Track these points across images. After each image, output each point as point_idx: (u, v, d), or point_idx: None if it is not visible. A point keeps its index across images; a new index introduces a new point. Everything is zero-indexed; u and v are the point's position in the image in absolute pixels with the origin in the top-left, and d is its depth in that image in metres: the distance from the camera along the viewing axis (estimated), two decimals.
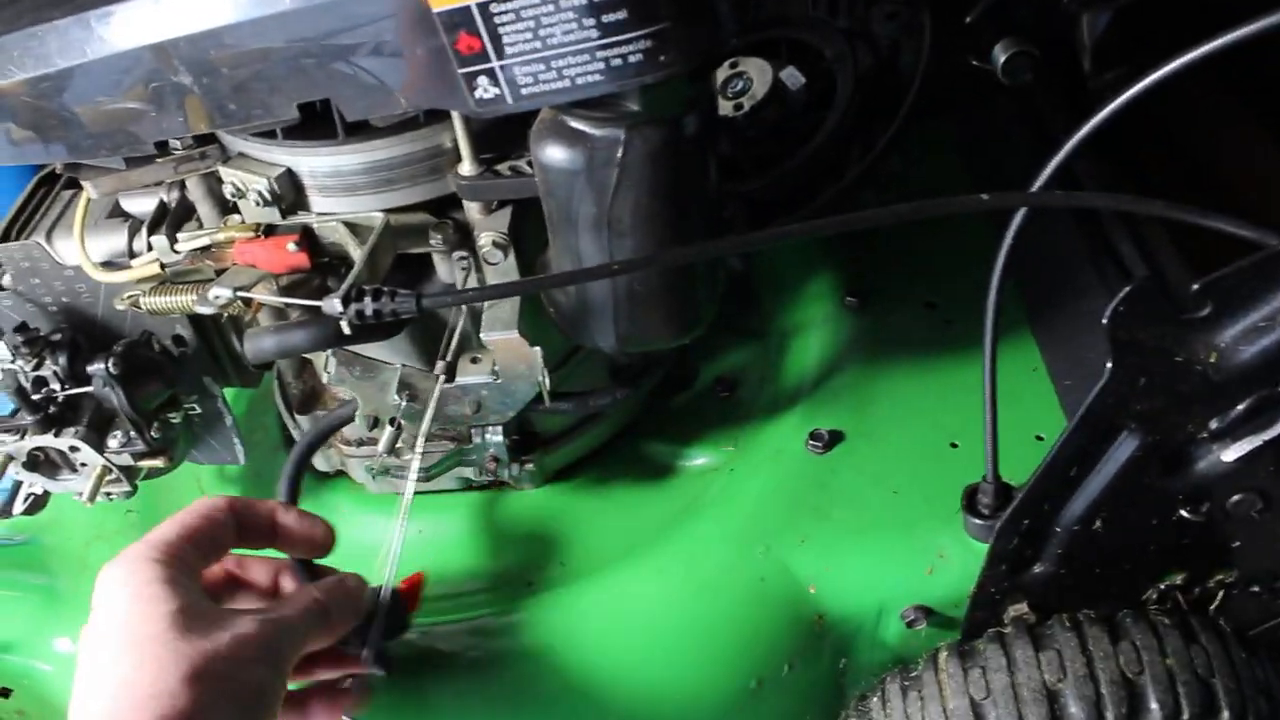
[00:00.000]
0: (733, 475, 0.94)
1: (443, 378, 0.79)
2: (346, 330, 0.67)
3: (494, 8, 0.56)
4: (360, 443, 0.92)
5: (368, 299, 0.66)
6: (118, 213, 0.90)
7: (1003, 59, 0.95)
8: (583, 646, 0.84)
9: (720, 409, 1.02)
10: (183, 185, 0.87)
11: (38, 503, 1.12)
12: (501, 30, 0.56)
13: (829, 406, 0.96)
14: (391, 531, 0.97)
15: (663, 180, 0.66)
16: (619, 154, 0.64)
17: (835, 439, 0.92)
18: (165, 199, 0.87)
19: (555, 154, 0.65)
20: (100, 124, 0.70)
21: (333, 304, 0.66)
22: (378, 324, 0.67)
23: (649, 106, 0.61)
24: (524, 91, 0.58)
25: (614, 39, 0.56)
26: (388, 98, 0.62)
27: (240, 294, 0.71)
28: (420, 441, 0.76)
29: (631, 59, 0.56)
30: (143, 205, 0.88)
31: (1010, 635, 0.75)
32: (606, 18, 0.55)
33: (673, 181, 0.66)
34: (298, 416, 0.94)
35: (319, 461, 0.98)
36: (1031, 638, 0.74)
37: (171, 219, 0.86)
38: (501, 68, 0.58)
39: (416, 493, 0.98)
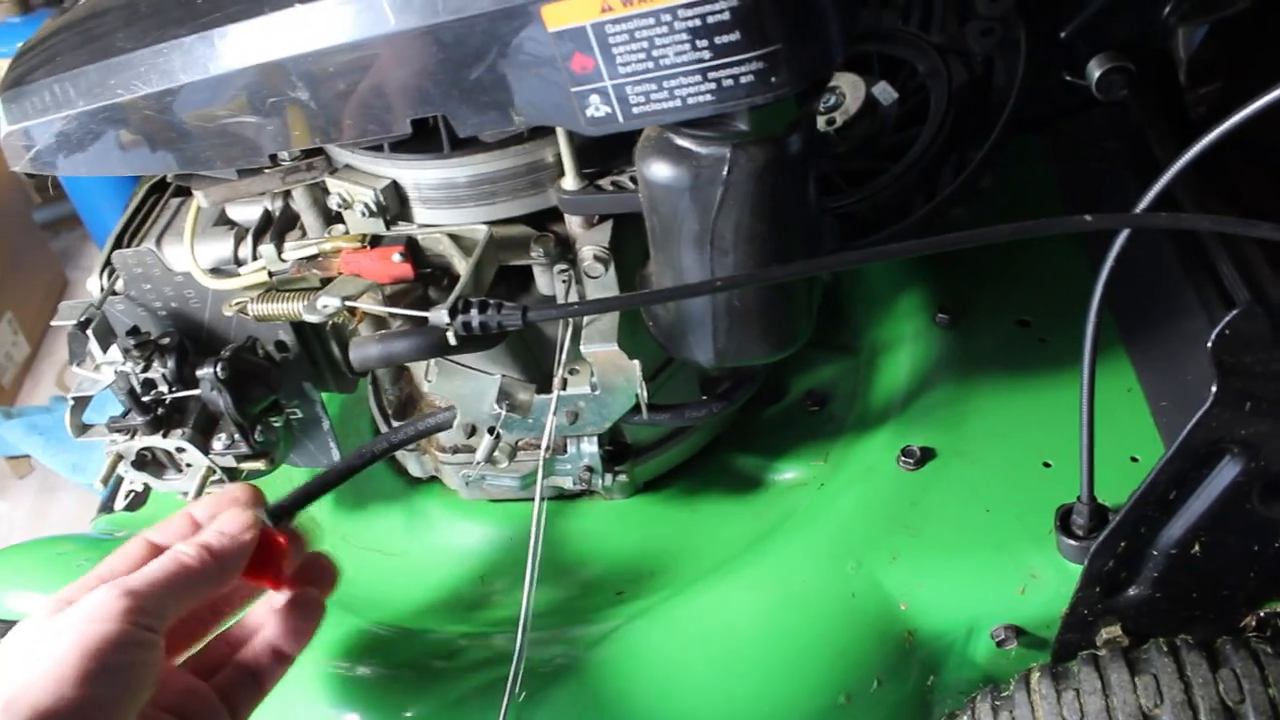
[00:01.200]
0: (823, 490, 0.94)
1: (533, 388, 0.80)
2: (452, 341, 0.69)
3: (609, 29, 0.57)
4: (455, 450, 0.93)
5: (474, 310, 0.67)
6: (223, 221, 0.92)
7: (1098, 74, 0.94)
8: (671, 656, 0.85)
9: (809, 423, 1.02)
10: (287, 195, 0.89)
11: (138, 499, 1.16)
12: (615, 51, 0.57)
13: (920, 423, 0.96)
14: (492, 539, 1.00)
15: (766, 198, 0.67)
16: (724, 172, 0.65)
17: (927, 456, 0.92)
18: (270, 208, 0.89)
19: (661, 171, 0.66)
20: (219, 137, 0.72)
21: (440, 315, 0.67)
22: (482, 335, 0.68)
23: (757, 126, 0.62)
24: (635, 110, 0.59)
25: (726, 60, 0.57)
26: (500, 115, 0.63)
27: (348, 303, 0.73)
28: (544, 452, 0.78)
29: (743, 80, 0.57)
30: (248, 214, 0.91)
31: (1105, 658, 0.74)
32: (719, 39, 0.56)
33: (776, 200, 0.67)
34: (394, 423, 0.96)
35: (413, 467, 0.99)
36: (1127, 661, 0.73)
37: (276, 228, 0.88)
38: (614, 87, 0.59)
39: (505, 501, 1.01)
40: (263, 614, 0.76)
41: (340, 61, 0.64)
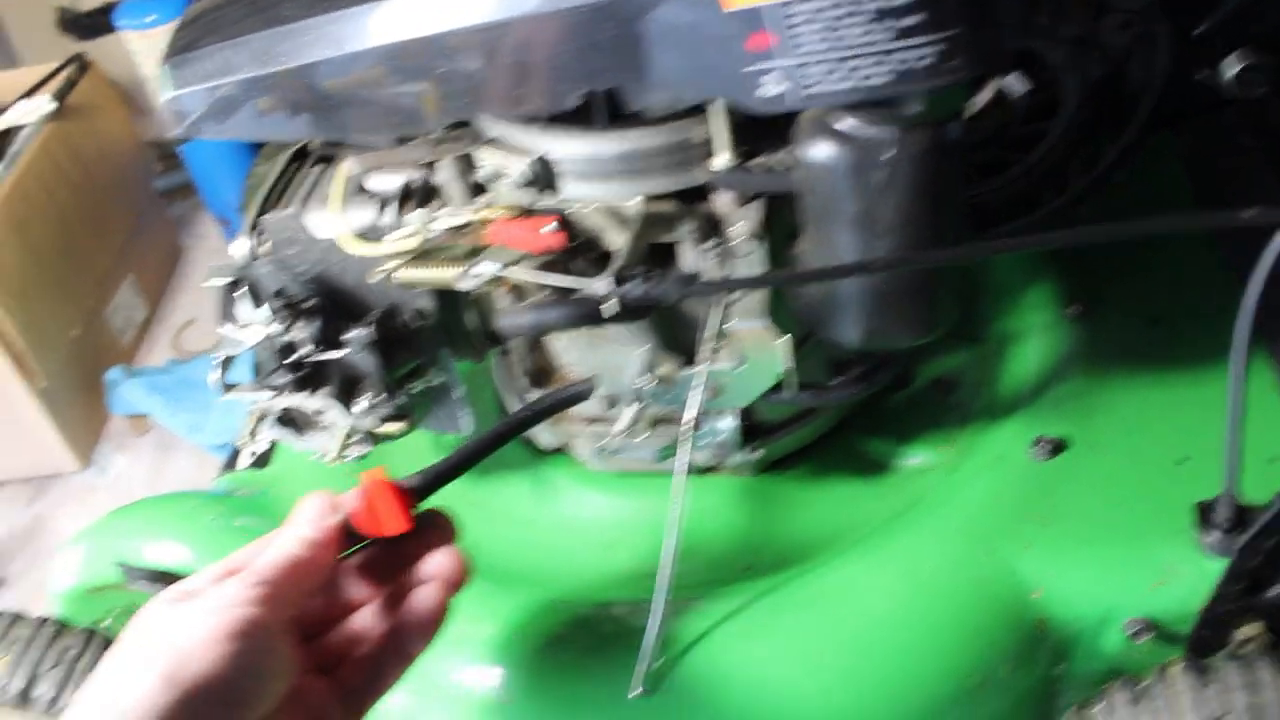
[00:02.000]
0: (952, 477, 0.94)
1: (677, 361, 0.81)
2: (610, 312, 0.70)
3: (791, 9, 0.57)
4: (591, 420, 0.95)
5: (638, 281, 0.68)
6: (362, 190, 0.94)
7: (1236, 70, 0.93)
8: (802, 633, 0.85)
9: (936, 410, 1.02)
10: (430, 165, 0.91)
11: (263, 458, 1.19)
12: (795, 30, 0.58)
13: (1051, 414, 0.95)
14: (619, 510, 1.01)
15: (926, 183, 0.67)
16: (887, 155, 0.65)
17: (1059, 447, 0.92)
18: (410, 178, 0.91)
19: (822, 152, 0.67)
20: (382, 106, 0.74)
21: (601, 285, 0.68)
22: (639, 307, 0.69)
23: (928, 110, 0.62)
24: (809, 91, 0.60)
25: (907, 42, 0.57)
26: (670, 91, 0.64)
27: (506, 271, 0.74)
28: (688, 426, 0.79)
29: (921, 63, 0.57)
30: (387, 183, 0.92)
31: (1252, 655, 0.74)
32: (903, 21, 0.56)
33: (935, 184, 0.67)
34: (531, 392, 0.97)
35: (543, 436, 1.01)
36: (1274, 659, 0.73)
37: (417, 198, 0.90)
38: (790, 67, 0.59)
39: (632, 473, 1.02)
40: (384, 611, 0.75)
41: (514, 35, 0.65)
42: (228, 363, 0.94)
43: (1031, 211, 1.01)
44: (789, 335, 0.78)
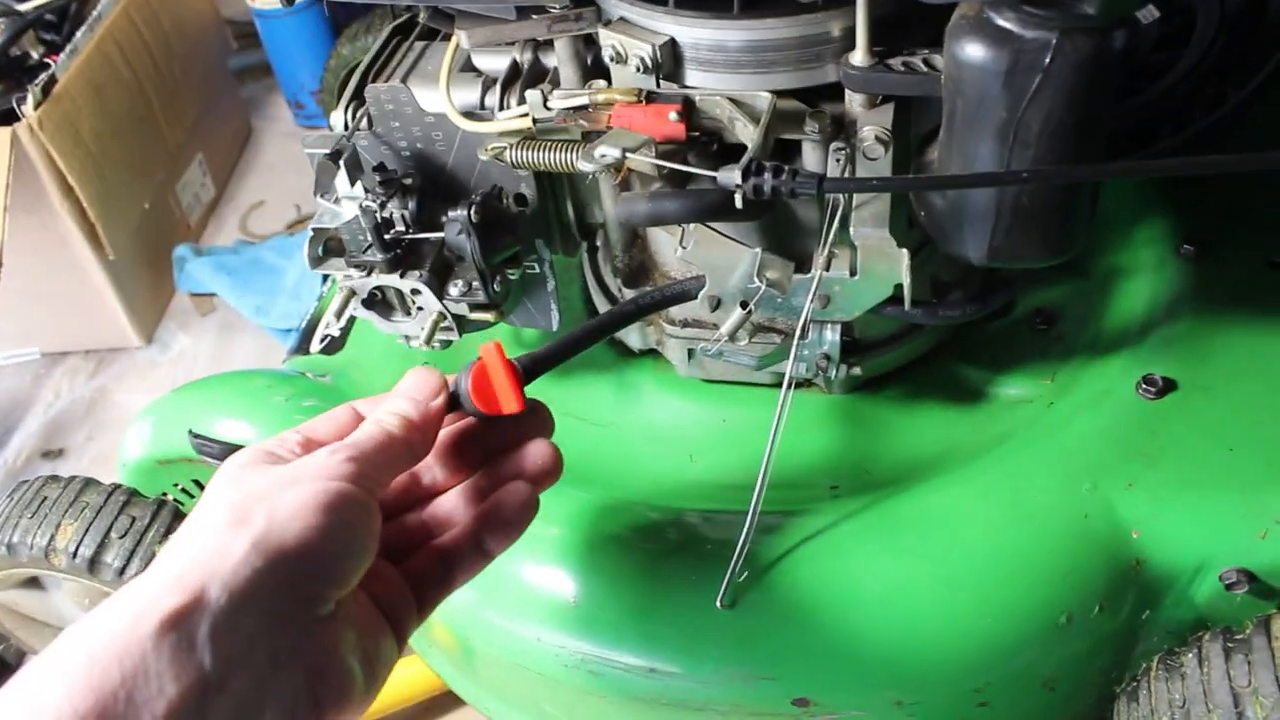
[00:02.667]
0: (1052, 409, 0.92)
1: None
2: (738, 204, 0.67)
3: None
4: (685, 324, 0.92)
5: (768, 174, 0.65)
6: (468, 68, 0.91)
7: None
8: (888, 555, 0.83)
9: (1036, 342, 0.99)
10: (539, 46, 0.88)
11: (334, 344, 1.17)
12: None
13: (1160, 354, 0.92)
14: (704, 418, 0.99)
15: (1082, 92, 0.64)
16: (1046, 59, 0.62)
17: (1168, 387, 0.89)
18: (519, 58, 0.88)
19: (976, 52, 0.64)
20: None
21: (731, 175, 0.66)
22: (767, 201, 0.67)
23: (1103, 9, 0.58)
24: None
25: None
26: None
27: (629, 155, 0.72)
28: (798, 334, 0.76)
29: None
30: (494, 63, 0.90)
31: None
32: None
33: (1091, 95, 0.64)
34: (625, 290, 0.95)
35: (633, 339, 0.99)
36: None
37: (526, 77, 0.87)
38: None
39: (721, 382, 1.00)
40: (470, 499, 0.73)
41: None
42: (321, 234, 0.92)
43: (1145, 146, 0.98)
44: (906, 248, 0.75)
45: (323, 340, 1.15)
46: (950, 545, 0.83)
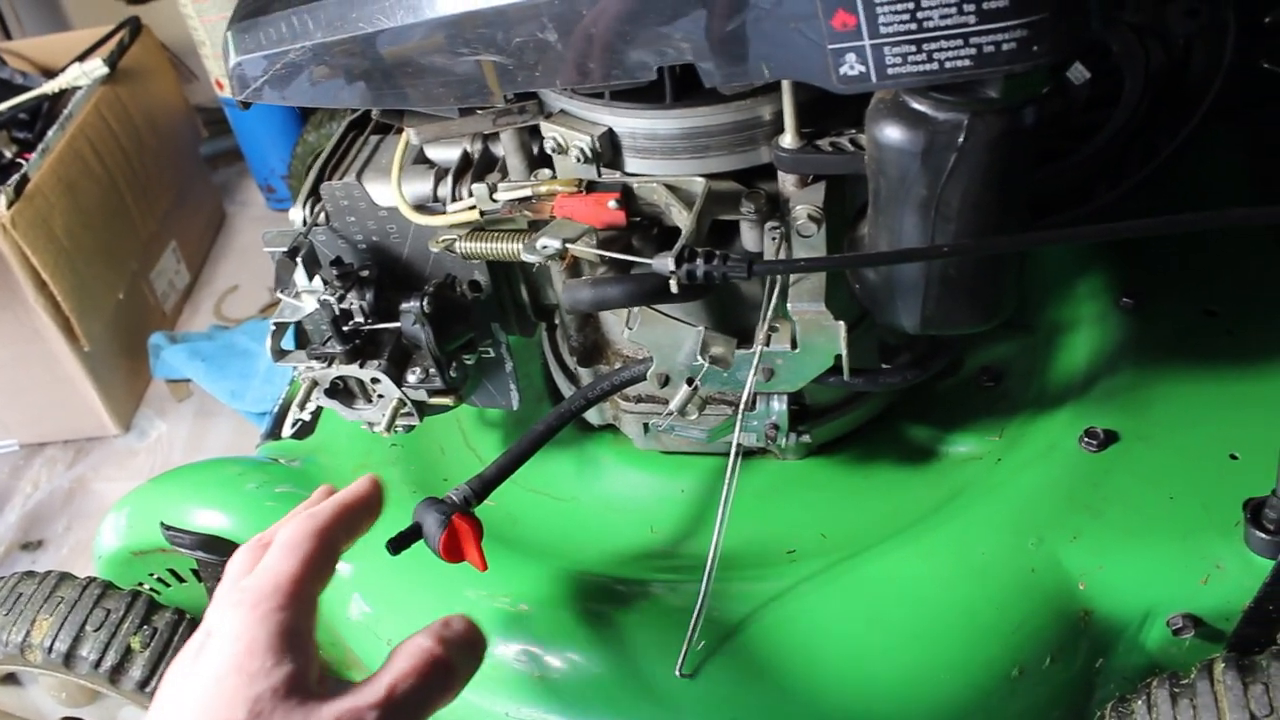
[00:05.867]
0: (1000, 465, 0.94)
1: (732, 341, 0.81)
2: (674, 289, 0.70)
3: None
4: (639, 399, 0.95)
5: (700, 260, 0.68)
6: (421, 160, 0.94)
7: None
8: (845, 619, 0.85)
9: (984, 399, 1.02)
10: (489, 137, 0.91)
11: (306, 428, 1.19)
12: (879, 10, 0.58)
13: (1102, 406, 0.95)
14: (663, 490, 1.01)
15: (997, 168, 0.66)
16: (960, 139, 0.65)
17: (1110, 439, 0.91)
18: (469, 149, 0.91)
19: (894, 134, 0.66)
20: (454, 75, 0.74)
21: (665, 262, 0.68)
22: (701, 285, 0.69)
23: (1005, 94, 0.62)
24: (890, 71, 0.60)
25: (991, 26, 0.57)
26: (750, 68, 0.64)
27: (568, 245, 0.75)
28: (742, 407, 0.79)
29: (1004, 47, 0.57)
30: (446, 154, 0.93)
31: None
32: (987, 5, 0.56)
33: (1005, 170, 0.67)
34: (580, 370, 0.98)
35: (591, 414, 1.01)
36: None
37: (476, 169, 0.91)
38: (872, 47, 0.59)
39: (679, 453, 1.02)
40: None
41: (597, 5, 0.65)
42: (282, 329, 0.94)
43: (1084, 202, 1.01)
44: (845, 320, 0.77)
45: (294, 425, 1.18)
46: (903, 604, 0.85)
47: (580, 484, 1.04)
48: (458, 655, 0.68)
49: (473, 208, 0.85)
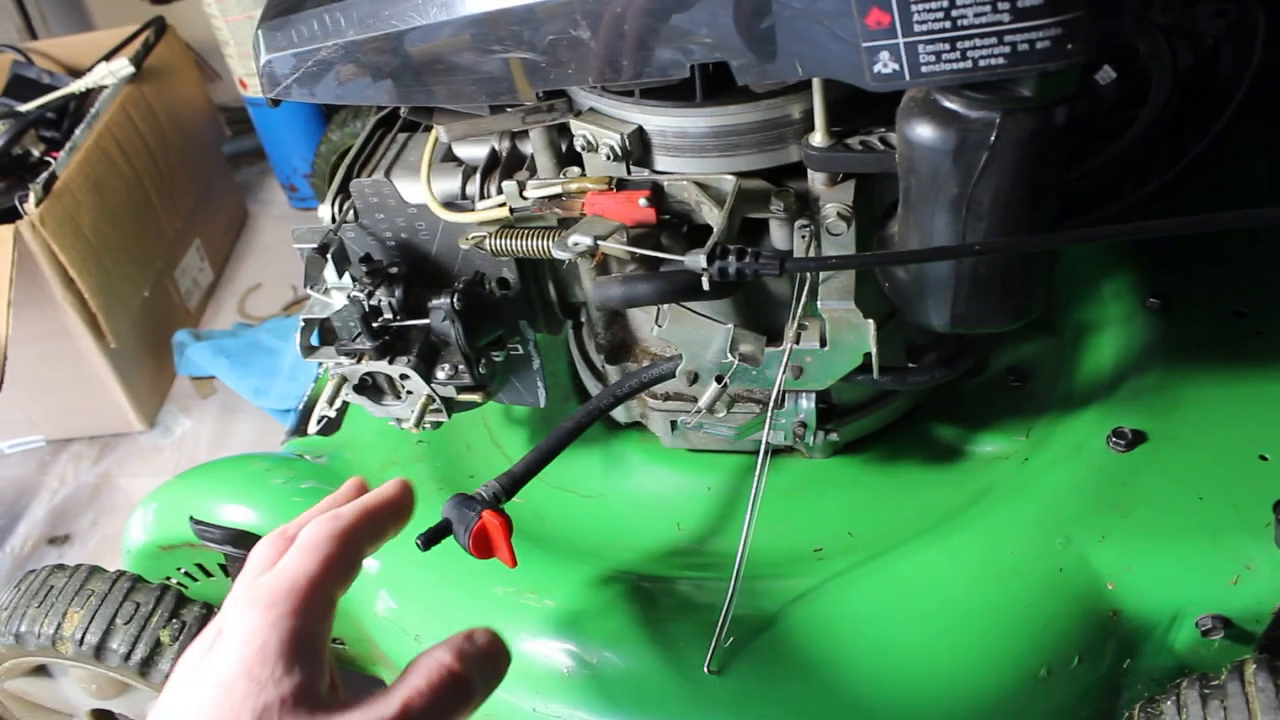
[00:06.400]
0: (1027, 465, 0.94)
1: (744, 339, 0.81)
2: (705, 287, 0.70)
3: None
4: (667, 397, 0.95)
5: (732, 257, 0.68)
6: (449, 157, 0.95)
7: None
8: (873, 617, 0.86)
9: (1010, 399, 1.02)
10: (517, 135, 0.91)
11: (331, 425, 1.20)
12: (913, 9, 0.58)
13: (1130, 406, 0.95)
14: (690, 487, 1.01)
15: (1029, 166, 0.67)
16: (991, 137, 0.65)
17: (1138, 439, 0.91)
18: (497, 147, 0.92)
19: (925, 132, 0.67)
20: (486, 73, 0.74)
21: (697, 260, 0.69)
22: (732, 282, 0.70)
23: (1038, 93, 0.62)
24: (923, 70, 0.60)
25: (1025, 24, 0.57)
26: (782, 65, 0.64)
27: (600, 242, 0.75)
28: (772, 405, 0.79)
29: (1039, 45, 0.57)
30: (474, 152, 0.93)
31: None
32: (1021, 3, 0.56)
33: (1037, 168, 0.67)
34: (607, 367, 0.98)
35: (618, 413, 1.01)
36: None
37: (505, 166, 0.91)
38: (906, 45, 0.59)
39: (706, 451, 1.02)
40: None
41: (631, 2, 0.65)
42: (311, 325, 0.95)
43: (1111, 202, 1.01)
44: (873, 319, 0.78)
45: (320, 422, 1.18)
46: (930, 603, 0.85)
47: (607, 481, 1.04)
48: (477, 672, 0.66)
49: (502, 205, 0.85)
